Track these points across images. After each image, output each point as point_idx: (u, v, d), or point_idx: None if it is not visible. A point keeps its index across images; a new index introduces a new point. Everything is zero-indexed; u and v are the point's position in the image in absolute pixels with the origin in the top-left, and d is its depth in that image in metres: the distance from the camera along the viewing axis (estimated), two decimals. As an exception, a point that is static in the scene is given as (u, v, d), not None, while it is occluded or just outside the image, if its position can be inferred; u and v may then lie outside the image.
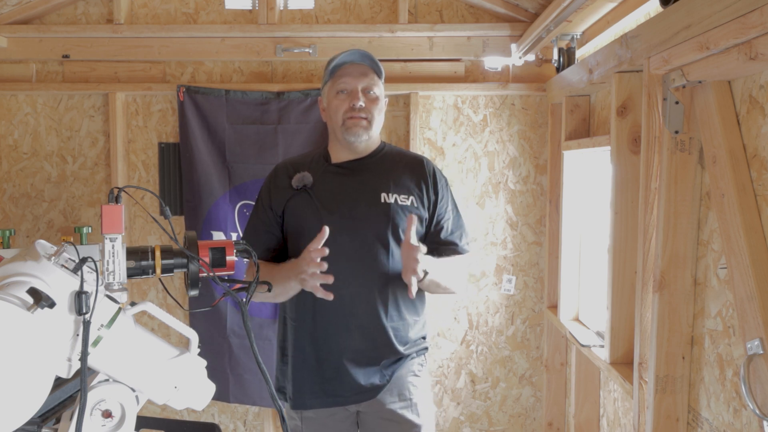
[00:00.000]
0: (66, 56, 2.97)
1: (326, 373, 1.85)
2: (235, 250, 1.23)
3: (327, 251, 1.65)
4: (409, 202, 1.86)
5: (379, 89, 1.88)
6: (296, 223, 1.86)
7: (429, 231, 1.91)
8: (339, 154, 1.92)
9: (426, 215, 1.89)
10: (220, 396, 2.94)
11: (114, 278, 1.13)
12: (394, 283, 1.83)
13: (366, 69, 1.86)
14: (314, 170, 1.90)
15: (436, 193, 1.91)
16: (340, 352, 1.83)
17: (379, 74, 1.89)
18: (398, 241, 1.82)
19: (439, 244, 1.91)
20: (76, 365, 1.06)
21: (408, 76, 2.98)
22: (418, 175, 1.91)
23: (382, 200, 1.84)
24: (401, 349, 1.87)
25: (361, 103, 1.83)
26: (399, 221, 1.84)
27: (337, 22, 2.98)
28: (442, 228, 1.92)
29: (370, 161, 1.91)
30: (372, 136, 1.88)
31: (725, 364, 1.50)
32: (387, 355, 1.86)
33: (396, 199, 1.85)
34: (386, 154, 1.95)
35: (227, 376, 2.94)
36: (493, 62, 2.96)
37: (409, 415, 1.88)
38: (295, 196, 1.87)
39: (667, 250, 1.65)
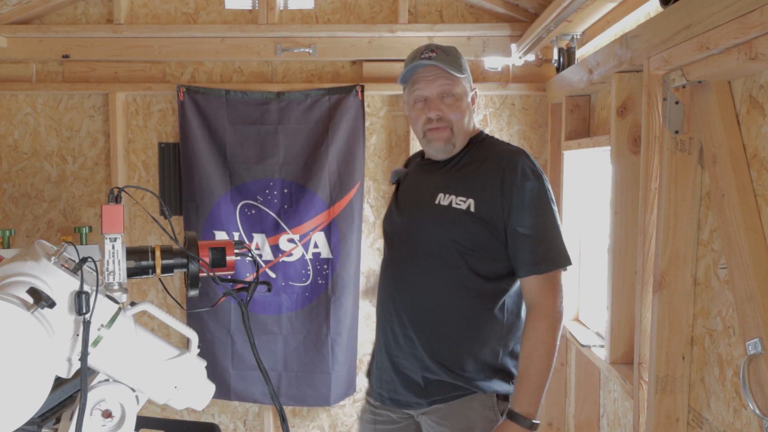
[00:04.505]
0: (66, 56, 2.97)
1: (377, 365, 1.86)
2: (234, 250, 1.24)
3: None
4: (465, 206, 1.64)
5: (460, 87, 1.71)
6: (385, 214, 1.92)
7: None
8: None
9: (486, 219, 1.63)
10: (221, 394, 2.94)
11: (114, 278, 1.13)
12: (435, 293, 1.68)
13: (440, 70, 1.69)
14: (412, 164, 1.92)
15: (506, 199, 1.62)
16: (384, 346, 1.78)
17: (458, 69, 1.70)
18: (445, 245, 1.67)
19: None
20: (76, 365, 1.06)
21: (408, 76, 2.98)
22: (492, 173, 1.65)
23: (437, 201, 1.69)
24: (437, 368, 1.68)
25: (438, 113, 1.69)
26: (448, 226, 1.66)
27: (337, 22, 2.98)
28: (513, 250, 1.62)
29: (453, 158, 1.75)
30: (457, 142, 1.73)
31: (725, 364, 1.50)
32: (424, 369, 1.69)
33: (452, 201, 1.66)
34: (474, 149, 1.75)
35: (229, 373, 2.94)
36: (493, 62, 2.96)
37: None
38: (395, 188, 1.92)
39: (667, 250, 1.64)
